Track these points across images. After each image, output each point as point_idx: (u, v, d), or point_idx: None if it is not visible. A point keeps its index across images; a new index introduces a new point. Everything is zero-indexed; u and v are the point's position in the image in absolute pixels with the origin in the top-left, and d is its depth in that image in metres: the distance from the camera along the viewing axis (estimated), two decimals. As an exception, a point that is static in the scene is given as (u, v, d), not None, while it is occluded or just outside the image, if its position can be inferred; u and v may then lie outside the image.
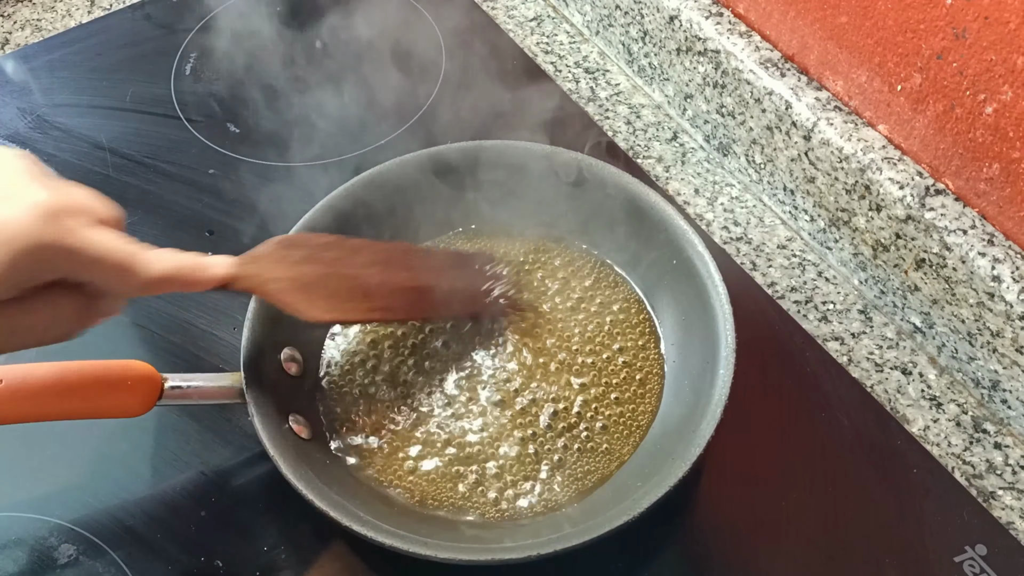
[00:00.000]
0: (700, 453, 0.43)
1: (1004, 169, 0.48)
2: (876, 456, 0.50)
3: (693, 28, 0.61)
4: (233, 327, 0.56)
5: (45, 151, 0.67)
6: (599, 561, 0.47)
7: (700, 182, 0.65)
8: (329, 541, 0.48)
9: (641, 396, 0.50)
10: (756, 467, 0.50)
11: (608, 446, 0.49)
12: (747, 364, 0.46)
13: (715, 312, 0.48)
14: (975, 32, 0.46)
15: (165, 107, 0.69)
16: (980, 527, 0.47)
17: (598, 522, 0.41)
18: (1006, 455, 0.51)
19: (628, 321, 0.53)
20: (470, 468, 0.48)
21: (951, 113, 0.49)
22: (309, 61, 0.70)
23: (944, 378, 0.54)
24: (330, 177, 0.55)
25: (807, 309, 0.58)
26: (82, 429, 0.50)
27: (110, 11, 0.78)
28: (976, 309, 0.50)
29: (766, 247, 0.61)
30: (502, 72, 0.67)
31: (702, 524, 0.49)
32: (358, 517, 0.42)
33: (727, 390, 0.44)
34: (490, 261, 0.55)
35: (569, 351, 0.52)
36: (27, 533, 0.48)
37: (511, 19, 0.76)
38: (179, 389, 0.46)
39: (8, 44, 0.76)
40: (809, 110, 0.56)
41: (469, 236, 0.57)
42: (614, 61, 0.73)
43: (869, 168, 0.53)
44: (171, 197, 0.63)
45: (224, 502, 0.49)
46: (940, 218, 0.50)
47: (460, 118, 0.63)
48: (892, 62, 0.51)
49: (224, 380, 0.47)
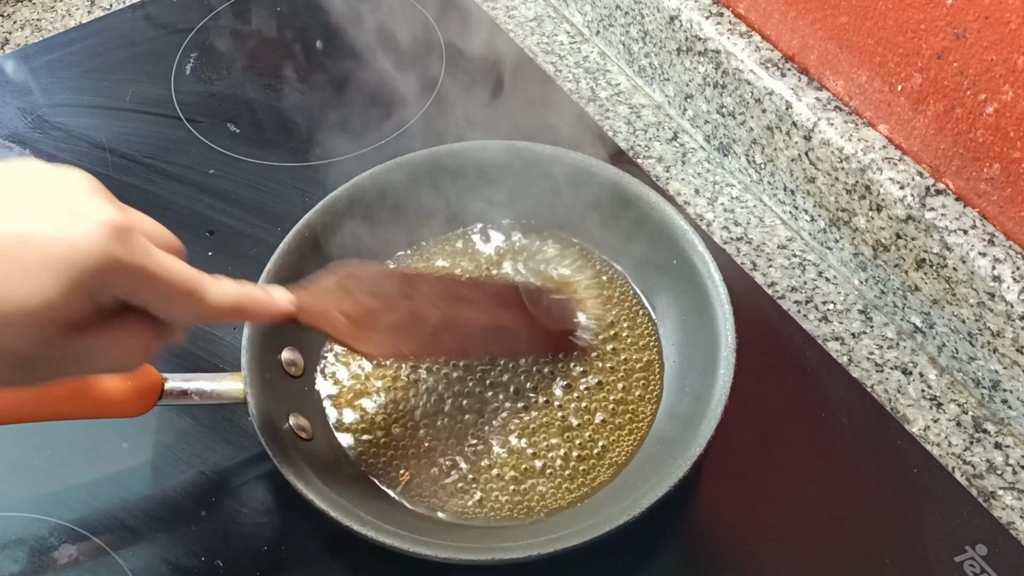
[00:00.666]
0: (700, 453, 0.43)
1: (1005, 169, 0.48)
2: (876, 456, 0.50)
3: (693, 28, 0.61)
4: (233, 327, 0.56)
5: (45, 151, 0.67)
6: (599, 561, 0.47)
7: (700, 182, 0.65)
8: (330, 541, 0.48)
9: (640, 397, 0.50)
10: (756, 467, 0.50)
11: (608, 446, 0.49)
12: (747, 364, 0.46)
13: (715, 312, 0.48)
14: (976, 32, 0.46)
15: (165, 107, 0.69)
16: (980, 527, 0.47)
17: (598, 522, 0.41)
18: (1006, 455, 0.51)
19: (628, 321, 0.53)
20: (471, 470, 0.48)
21: (952, 113, 0.49)
22: (309, 61, 0.71)
23: (944, 378, 0.54)
24: (330, 177, 0.55)
25: (807, 309, 0.58)
26: (82, 429, 0.49)
27: (110, 11, 0.78)
28: (976, 309, 0.50)
29: (766, 247, 0.61)
30: (502, 72, 0.67)
31: (702, 524, 0.49)
32: (358, 517, 0.42)
33: (727, 390, 0.44)
34: (554, 295, 0.53)
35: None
36: (27, 533, 0.48)
37: (511, 19, 0.76)
38: (179, 389, 0.46)
39: (8, 44, 0.76)
40: (809, 110, 0.56)
41: (470, 234, 0.58)
42: (614, 61, 0.73)
43: (869, 168, 0.53)
44: (171, 197, 0.63)
45: (224, 502, 0.49)
46: (940, 218, 0.50)
47: (460, 119, 0.63)
48: (893, 62, 0.51)
49: (224, 380, 0.47)
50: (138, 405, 0.45)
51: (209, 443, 0.51)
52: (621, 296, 0.54)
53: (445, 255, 0.57)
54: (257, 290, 0.39)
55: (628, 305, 0.54)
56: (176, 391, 0.46)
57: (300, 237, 0.51)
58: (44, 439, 0.51)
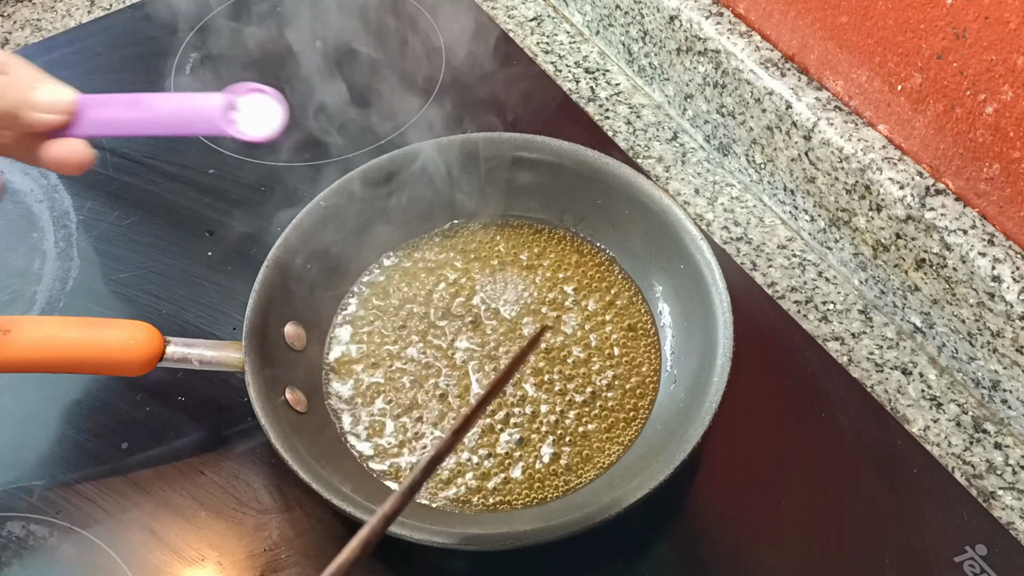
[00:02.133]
0: (684, 458, 0.42)
1: (1004, 169, 0.48)
2: (876, 456, 0.50)
3: (693, 28, 0.61)
4: (233, 327, 0.56)
5: (45, 151, 0.67)
6: (599, 562, 0.47)
7: (700, 182, 0.65)
8: (330, 542, 0.48)
9: (636, 398, 0.50)
10: (756, 467, 0.50)
11: (596, 447, 0.49)
12: (747, 364, 0.46)
13: (716, 320, 0.47)
14: (975, 32, 0.46)
15: (165, 107, 0.69)
16: (980, 527, 0.47)
17: (573, 519, 0.41)
18: (1006, 455, 0.51)
19: (629, 321, 0.53)
20: (463, 457, 0.48)
21: (951, 113, 0.49)
22: (309, 61, 0.70)
23: (944, 378, 0.54)
24: (330, 177, 0.55)
25: (807, 309, 0.58)
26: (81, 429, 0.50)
27: (110, 11, 0.78)
28: (976, 309, 0.50)
29: (766, 247, 0.61)
30: (502, 72, 0.67)
31: (702, 524, 0.49)
32: (338, 491, 0.42)
33: (719, 398, 0.44)
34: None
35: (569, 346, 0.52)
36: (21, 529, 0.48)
37: (511, 19, 0.76)
38: (180, 354, 0.47)
39: (8, 44, 0.76)
40: (809, 110, 0.56)
41: (470, 229, 0.58)
42: (614, 61, 0.73)
43: (869, 168, 0.53)
44: (171, 197, 0.63)
45: (224, 501, 0.49)
46: (940, 218, 0.50)
47: (460, 118, 0.63)
48: (892, 62, 0.51)
49: (225, 348, 0.48)
50: (139, 364, 0.46)
51: (210, 443, 0.51)
52: (622, 293, 0.54)
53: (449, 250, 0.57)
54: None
55: (629, 305, 0.54)
56: (177, 355, 0.47)
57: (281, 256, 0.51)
58: (39, 428, 0.52)
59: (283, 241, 0.51)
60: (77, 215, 0.63)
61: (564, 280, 0.55)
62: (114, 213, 0.62)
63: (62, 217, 0.63)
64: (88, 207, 0.63)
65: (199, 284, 0.58)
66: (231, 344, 0.48)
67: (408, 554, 0.45)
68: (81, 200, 0.64)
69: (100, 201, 0.63)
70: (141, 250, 0.60)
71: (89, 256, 0.61)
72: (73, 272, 0.60)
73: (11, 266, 0.60)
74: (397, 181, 0.55)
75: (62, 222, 0.63)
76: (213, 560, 0.47)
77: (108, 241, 0.61)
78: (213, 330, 0.56)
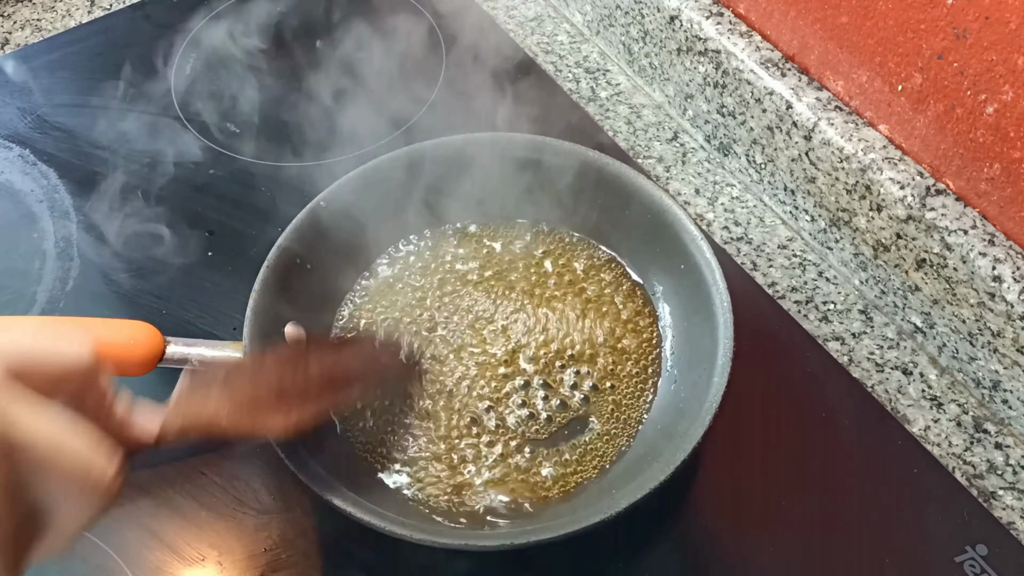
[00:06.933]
0: (684, 458, 0.42)
1: (1005, 169, 0.48)
2: (876, 456, 0.50)
3: (693, 28, 0.61)
4: (233, 327, 0.56)
5: (45, 151, 0.67)
6: (599, 562, 0.47)
7: (700, 182, 0.65)
8: (331, 542, 0.48)
9: (636, 398, 0.50)
10: (756, 467, 0.50)
11: (595, 449, 0.49)
12: (747, 364, 0.46)
13: (716, 320, 0.47)
14: (976, 32, 0.46)
15: (165, 107, 0.69)
16: (980, 527, 0.47)
17: (572, 519, 0.41)
18: (1007, 455, 0.51)
19: (631, 321, 0.53)
20: (461, 460, 0.48)
21: (952, 113, 0.49)
22: (309, 61, 0.70)
23: (945, 378, 0.54)
24: (330, 177, 0.55)
25: (807, 309, 0.58)
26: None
27: (110, 11, 0.78)
28: (977, 309, 0.50)
29: (766, 247, 0.61)
30: (502, 72, 0.67)
31: (702, 524, 0.49)
32: (338, 491, 0.42)
33: (719, 398, 0.44)
34: (380, 339, 0.53)
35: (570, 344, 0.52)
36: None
37: (511, 19, 0.76)
38: (180, 354, 0.47)
39: (8, 44, 0.76)
40: (810, 110, 0.56)
41: (471, 229, 0.58)
42: (614, 61, 0.73)
43: (870, 168, 0.53)
44: (171, 197, 0.63)
45: (224, 501, 0.49)
46: (941, 218, 0.50)
47: (460, 118, 0.63)
48: (893, 62, 0.51)
49: (225, 348, 0.48)
50: (139, 364, 0.47)
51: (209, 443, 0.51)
52: (624, 293, 0.54)
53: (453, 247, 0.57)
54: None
55: (630, 305, 0.54)
56: (177, 355, 0.47)
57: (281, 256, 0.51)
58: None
59: (283, 241, 0.51)
60: (77, 215, 0.63)
61: (564, 280, 0.55)
62: (114, 213, 0.62)
63: (62, 217, 0.63)
64: (88, 207, 0.63)
65: (199, 284, 0.59)
66: (231, 344, 0.48)
67: (408, 554, 0.45)
68: (81, 200, 0.64)
69: (100, 201, 0.63)
70: (141, 250, 0.60)
71: (89, 256, 0.61)
72: (73, 272, 0.60)
73: (11, 266, 0.60)
74: (397, 182, 0.55)
75: (62, 222, 0.63)
76: (213, 560, 0.47)
77: (108, 241, 0.61)
78: (213, 330, 0.56)
